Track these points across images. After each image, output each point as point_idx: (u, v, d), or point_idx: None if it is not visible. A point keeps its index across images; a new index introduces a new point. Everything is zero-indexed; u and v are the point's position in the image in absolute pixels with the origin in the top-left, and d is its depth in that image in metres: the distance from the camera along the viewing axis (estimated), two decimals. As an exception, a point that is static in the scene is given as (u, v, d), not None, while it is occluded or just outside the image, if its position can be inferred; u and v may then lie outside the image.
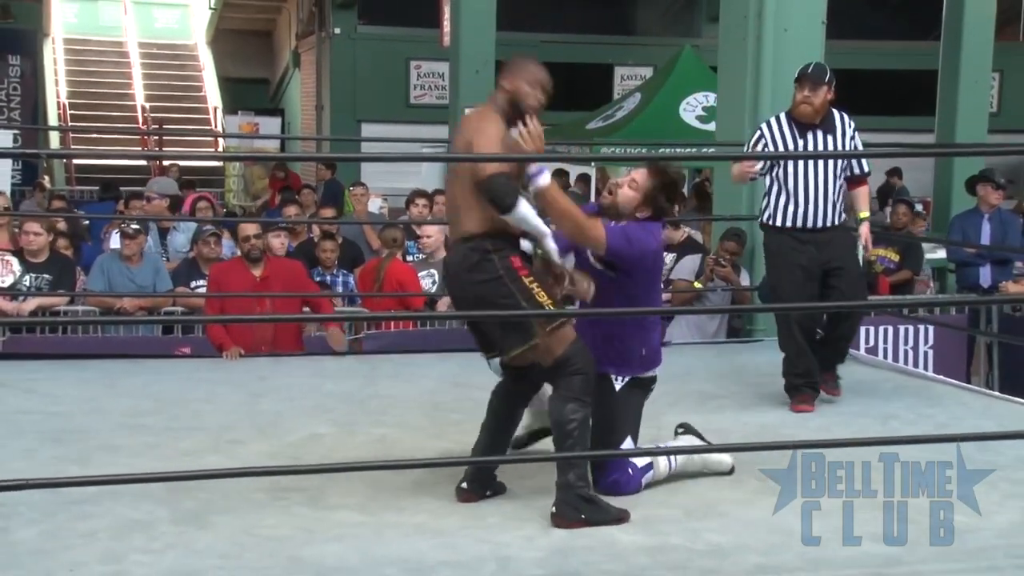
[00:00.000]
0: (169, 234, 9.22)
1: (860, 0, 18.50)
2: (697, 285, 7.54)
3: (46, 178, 16.79)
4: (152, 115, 22.20)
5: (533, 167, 3.94)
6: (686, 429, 4.48)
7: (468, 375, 5.94)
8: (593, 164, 12.85)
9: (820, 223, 5.50)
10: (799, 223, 5.50)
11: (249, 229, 7.01)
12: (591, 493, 3.86)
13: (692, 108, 11.92)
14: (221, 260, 7.70)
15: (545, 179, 3.93)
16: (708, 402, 5.59)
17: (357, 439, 4.84)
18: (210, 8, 25.06)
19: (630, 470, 4.14)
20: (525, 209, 3.86)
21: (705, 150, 9.58)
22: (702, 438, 4.44)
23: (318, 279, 8.01)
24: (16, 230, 7.85)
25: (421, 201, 9.34)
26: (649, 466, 4.20)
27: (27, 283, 7.21)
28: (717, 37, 7.95)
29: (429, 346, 6.91)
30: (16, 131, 16.96)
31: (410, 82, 19.79)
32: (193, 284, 7.65)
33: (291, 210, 9.62)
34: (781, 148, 5.51)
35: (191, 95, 24.16)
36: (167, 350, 6.97)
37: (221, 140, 20.76)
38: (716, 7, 8.48)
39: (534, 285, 3.89)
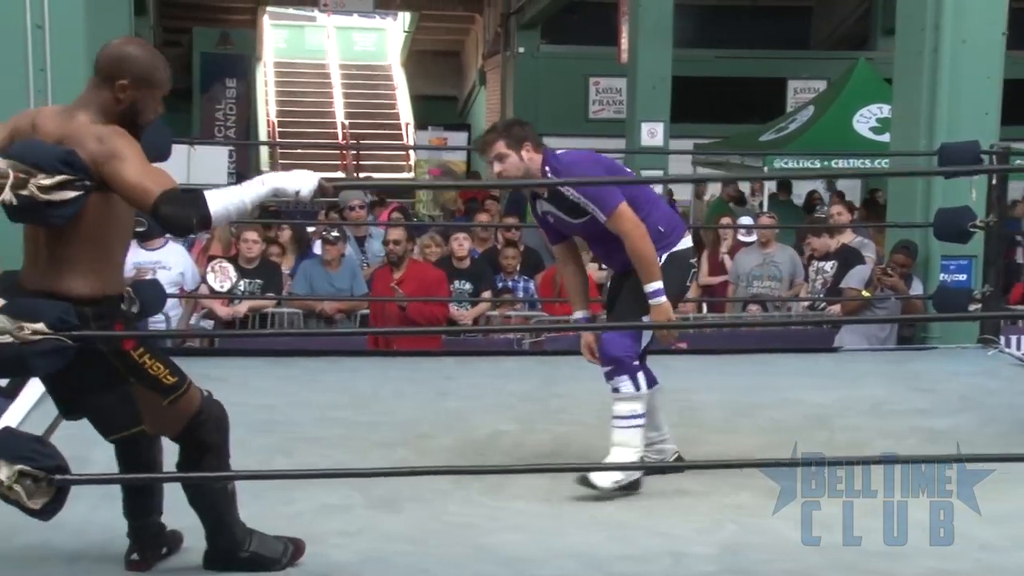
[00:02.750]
0: (366, 241, 9.47)
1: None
2: (866, 294, 7.32)
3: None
4: (351, 131, 22.84)
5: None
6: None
7: (643, 377, 5.91)
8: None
9: None
10: None
11: (393, 234, 7.23)
12: (250, 552, 3.27)
13: (866, 119, 11.60)
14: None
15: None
16: (881, 407, 5.40)
17: (537, 436, 4.85)
18: (404, 31, 25.66)
19: (636, 362, 4.07)
20: (222, 205, 2.89)
21: (879, 161, 9.30)
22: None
23: (500, 284, 8.11)
24: (232, 239, 8.16)
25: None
26: (651, 382, 4.14)
27: (241, 287, 7.50)
28: (892, 50, 7.70)
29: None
30: (231, 147, 17.70)
31: (589, 97, 19.82)
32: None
33: (481, 218, 9.80)
34: None
35: (386, 112, 24.74)
36: (362, 348, 7.15)
37: (412, 153, 21.24)
38: (892, 19, 8.20)
39: (145, 357, 3.03)
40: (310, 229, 9.87)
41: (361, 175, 20.57)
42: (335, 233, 7.89)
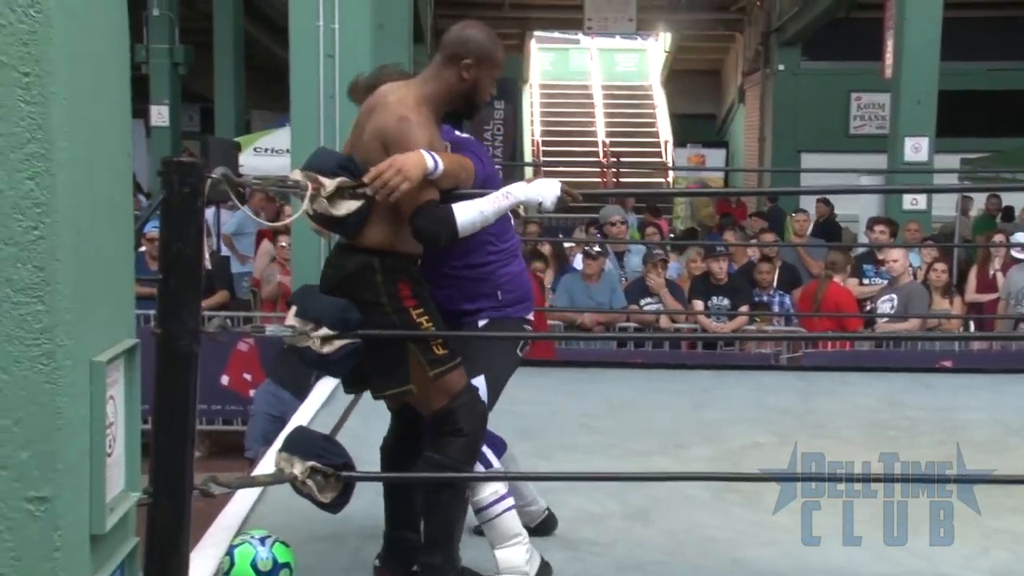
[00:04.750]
0: (625, 256, 9.51)
1: None
2: None
3: (521, 208, 17.83)
4: (611, 149, 23.00)
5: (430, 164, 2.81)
6: None
7: (905, 394, 5.66)
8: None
9: None
10: None
11: None
12: None
13: None
14: (669, 281, 7.89)
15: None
16: None
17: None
18: (664, 51, 25.66)
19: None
20: (468, 218, 2.87)
21: None
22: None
23: (756, 299, 7.97)
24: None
25: (879, 227, 9.08)
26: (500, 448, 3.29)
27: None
28: None
29: (865, 364, 6.66)
30: (498, 166, 18.19)
31: (850, 113, 19.23)
32: (643, 302, 7.84)
33: (729, 235, 9.68)
34: None
35: (645, 131, 24.78)
36: (621, 360, 7.16)
37: (670, 171, 21.20)
38: None
39: (423, 319, 2.96)
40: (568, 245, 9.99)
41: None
42: (596, 248, 7.97)
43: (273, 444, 4.19)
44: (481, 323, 3.17)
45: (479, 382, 3.10)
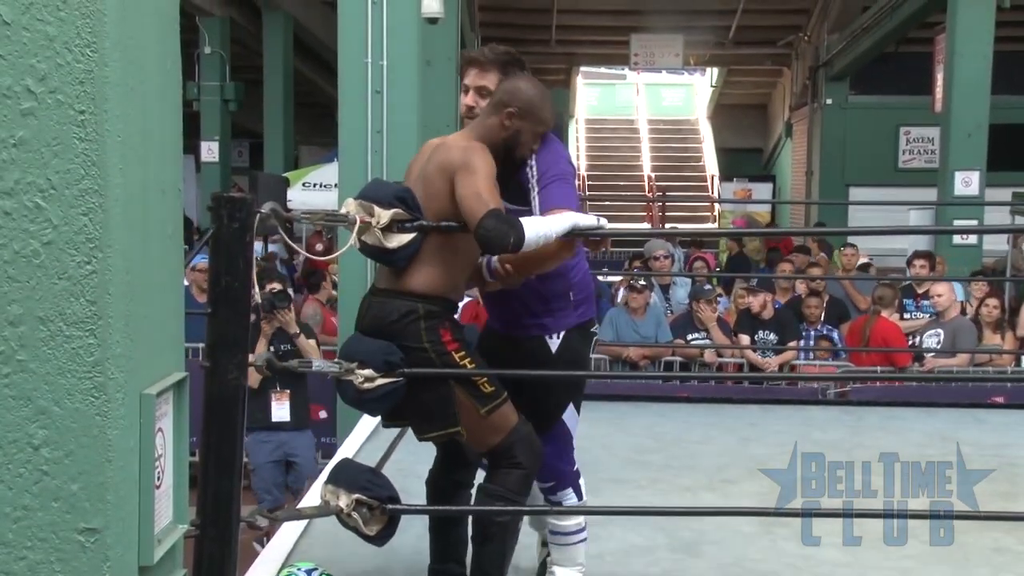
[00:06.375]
0: (670, 289, 9.47)
1: None
2: None
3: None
4: (657, 183, 23.00)
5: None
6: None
7: (955, 430, 5.57)
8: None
9: None
10: None
11: None
12: None
13: None
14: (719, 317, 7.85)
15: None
16: None
17: (844, 484, 4.66)
18: (711, 86, 25.68)
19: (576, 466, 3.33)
20: (534, 233, 2.80)
21: None
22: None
23: (804, 334, 7.90)
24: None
25: (919, 262, 9.01)
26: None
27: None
28: None
29: (915, 399, 6.57)
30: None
31: (899, 147, 19.09)
32: (689, 337, 7.79)
33: (785, 267, 9.65)
34: None
35: (691, 165, 24.78)
36: (667, 394, 7.11)
37: (717, 205, 21.15)
38: None
39: (466, 361, 2.95)
40: (610, 279, 9.99)
41: (667, 226, 20.66)
42: (642, 282, 7.95)
43: (317, 480, 4.20)
44: (556, 339, 3.16)
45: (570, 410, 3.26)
